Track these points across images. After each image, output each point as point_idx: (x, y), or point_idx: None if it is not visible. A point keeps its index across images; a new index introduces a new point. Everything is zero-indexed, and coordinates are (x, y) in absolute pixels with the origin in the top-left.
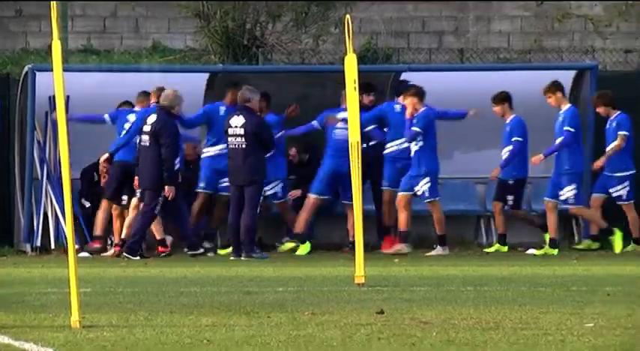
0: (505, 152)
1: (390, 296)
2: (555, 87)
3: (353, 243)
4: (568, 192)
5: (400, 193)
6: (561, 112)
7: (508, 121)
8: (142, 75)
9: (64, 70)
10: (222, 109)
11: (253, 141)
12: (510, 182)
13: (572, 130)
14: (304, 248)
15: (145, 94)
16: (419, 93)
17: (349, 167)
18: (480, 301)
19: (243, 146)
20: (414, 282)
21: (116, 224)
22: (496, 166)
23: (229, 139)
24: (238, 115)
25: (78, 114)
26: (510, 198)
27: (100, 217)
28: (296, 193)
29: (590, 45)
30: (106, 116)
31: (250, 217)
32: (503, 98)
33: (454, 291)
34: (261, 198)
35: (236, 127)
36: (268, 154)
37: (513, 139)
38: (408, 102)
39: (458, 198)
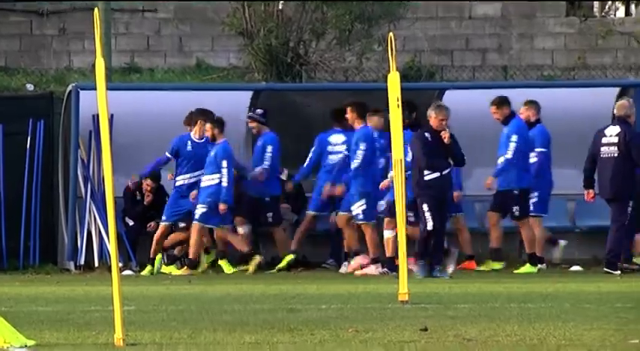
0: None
1: (433, 313)
2: None
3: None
4: None
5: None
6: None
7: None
8: (186, 93)
9: (108, 88)
10: (189, 144)
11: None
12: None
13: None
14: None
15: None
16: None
17: None
18: (524, 317)
19: (615, 155)
20: (457, 299)
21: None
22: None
23: (602, 148)
24: (615, 125)
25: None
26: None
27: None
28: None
29: (633, 62)
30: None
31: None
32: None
33: (498, 308)
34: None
35: (610, 136)
36: None
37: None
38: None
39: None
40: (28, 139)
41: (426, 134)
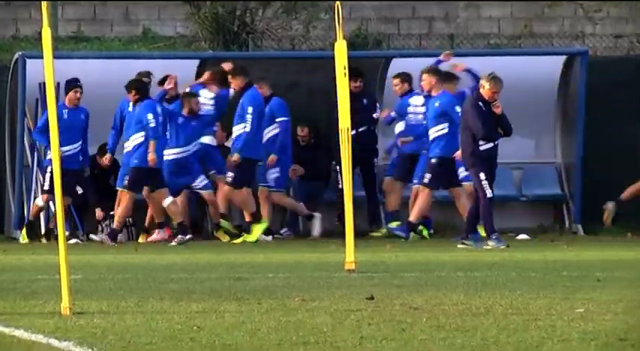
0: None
1: (380, 282)
2: None
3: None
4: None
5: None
6: None
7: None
8: (133, 62)
9: (55, 57)
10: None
11: None
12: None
13: None
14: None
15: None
16: None
17: None
18: (471, 286)
19: None
20: (404, 268)
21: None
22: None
23: None
24: None
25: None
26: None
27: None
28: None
29: (580, 30)
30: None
31: None
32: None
33: (444, 277)
34: None
35: None
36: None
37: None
38: None
39: None
40: None
41: (480, 104)
